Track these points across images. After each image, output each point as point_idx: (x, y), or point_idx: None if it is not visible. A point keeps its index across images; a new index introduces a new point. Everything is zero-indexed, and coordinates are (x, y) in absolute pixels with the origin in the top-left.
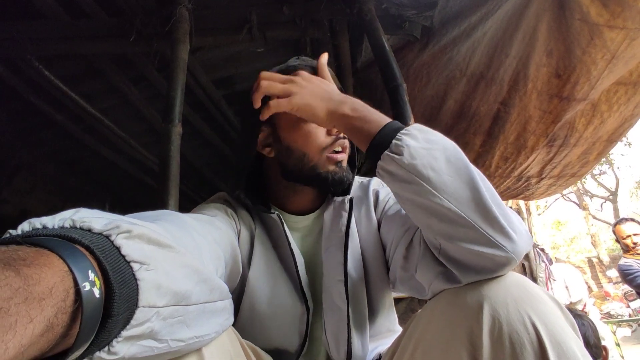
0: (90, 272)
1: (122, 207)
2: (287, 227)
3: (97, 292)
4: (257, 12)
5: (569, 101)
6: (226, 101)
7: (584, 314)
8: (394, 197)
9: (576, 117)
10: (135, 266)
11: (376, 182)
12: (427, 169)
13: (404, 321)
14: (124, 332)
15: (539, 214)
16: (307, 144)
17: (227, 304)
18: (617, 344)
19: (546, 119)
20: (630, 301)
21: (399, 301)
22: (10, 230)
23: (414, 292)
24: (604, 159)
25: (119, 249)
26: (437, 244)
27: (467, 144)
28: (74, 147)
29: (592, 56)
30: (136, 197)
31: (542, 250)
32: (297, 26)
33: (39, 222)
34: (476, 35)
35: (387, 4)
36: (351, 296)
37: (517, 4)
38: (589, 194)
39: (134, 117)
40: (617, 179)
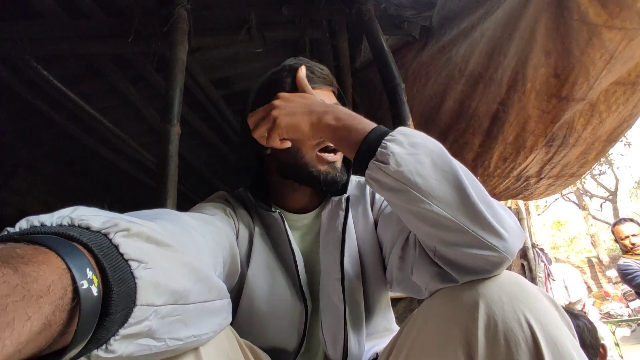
0: (88, 270)
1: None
2: (289, 224)
3: (95, 290)
4: (256, 13)
5: (567, 101)
6: (225, 101)
7: (582, 314)
8: None
9: (575, 117)
10: (133, 264)
11: None
12: (414, 175)
13: (402, 321)
14: (122, 331)
15: (539, 214)
16: (302, 140)
17: (226, 303)
18: (617, 344)
19: (545, 119)
20: (629, 301)
21: (397, 301)
22: (8, 228)
23: (411, 292)
24: (603, 159)
25: (117, 247)
26: (432, 247)
27: (465, 144)
28: (73, 147)
29: (590, 56)
30: (135, 197)
31: (542, 250)
32: (296, 26)
33: (37, 220)
34: (475, 35)
35: (385, 4)
36: (348, 295)
37: (515, 4)
38: (588, 194)
39: (132, 117)
40: (617, 179)
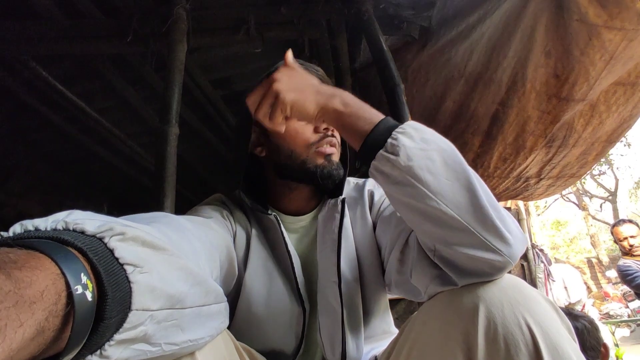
0: (82, 274)
1: (119, 208)
2: (284, 228)
3: (89, 295)
4: (255, 13)
5: (567, 102)
6: (224, 101)
7: (583, 315)
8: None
9: (575, 118)
10: (128, 269)
11: (371, 183)
12: (424, 172)
13: (402, 322)
14: (117, 336)
15: (539, 215)
16: (294, 141)
17: (223, 307)
18: (616, 345)
19: (545, 119)
20: (629, 301)
21: (397, 302)
22: (1, 232)
23: (410, 295)
24: (603, 160)
25: (112, 251)
26: (432, 247)
27: (465, 144)
28: (71, 147)
29: (590, 57)
30: (133, 198)
31: (542, 250)
32: (295, 27)
33: (31, 224)
34: (474, 35)
35: (385, 4)
36: (345, 298)
37: (515, 4)
38: (588, 194)
39: (131, 118)
40: (617, 180)
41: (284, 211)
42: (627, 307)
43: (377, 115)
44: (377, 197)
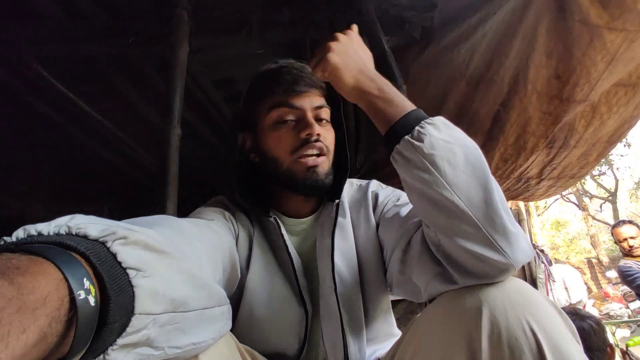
0: (85, 279)
1: (121, 209)
2: (286, 230)
3: (92, 300)
4: (257, 14)
5: (568, 102)
6: (226, 102)
7: (590, 315)
8: (392, 200)
9: (576, 119)
10: (131, 273)
11: (375, 185)
12: (444, 162)
13: (402, 323)
14: (120, 340)
15: (539, 215)
16: (277, 148)
17: (225, 309)
18: (617, 345)
19: (546, 120)
20: (629, 302)
21: (397, 303)
22: (5, 237)
23: (410, 295)
24: (603, 160)
25: (115, 255)
26: (437, 241)
27: None
28: (73, 148)
29: (591, 58)
30: (135, 199)
31: (542, 251)
32: (297, 27)
33: (34, 229)
34: (476, 36)
35: (386, 5)
36: (344, 302)
37: (516, 5)
38: (588, 194)
39: (133, 119)
40: (617, 180)
41: (286, 213)
42: (628, 307)
43: (410, 105)
44: (381, 198)
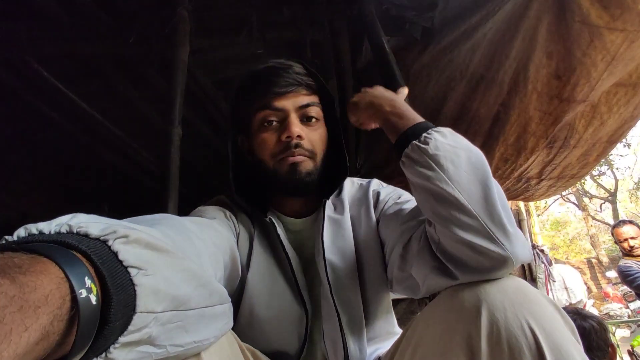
0: (86, 278)
1: (121, 209)
2: (286, 229)
3: (93, 299)
4: (257, 14)
5: (569, 102)
6: (226, 102)
7: (592, 315)
8: (393, 198)
9: (576, 119)
10: (132, 271)
11: (376, 183)
12: (447, 161)
13: (403, 323)
14: (122, 338)
15: (539, 215)
16: (262, 150)
17: (227, 308)
18: (617, 345)
19: (546, 120)
20: (629, 302)
21: (398, 302)
22: (6, 236)
23: (409, 291)
24: (603, 160)
25: (116, 254)
26: (437, 239)
27: None
28: (73, 148)
29: (592, 58)
30: (135, 199)
31: (542, 251)
32: (297, 27)
33: (35, 228)
34: (476, 36)
35: (387, 5)
36: (341, 302)
37: (517, 5)
38: (588, 194)
39: (133, 119)
40: (616, 180)
41: (285, 213)
42: (628, 307)
43: (420, 118)
44: (382, 196)
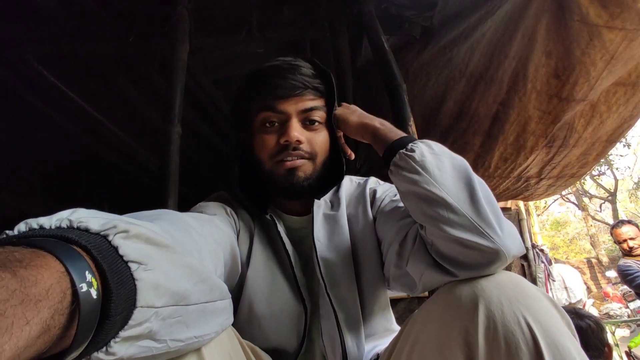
0: (87, 272)
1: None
2: (286, 227)
3: (94, 293)
4: (257, 13)
5: (568, 102)
6: (226, 102)
7: (589, 314)
8: (390, 196)
9: (575, 118)
10: (133, 266)
11: (373, 182)
12: (433, 166)
13: (402, 322)
14: (122, 333)
15: (538, 215)
16: (261, 150)
17: (227, 303)
18: (616, 345)
19: (545, 119)
20: (629, 302)
21: (397, 302)
22: (7, 231)
23: (406, 288)
24: (602, 160)
25: (116, 249)
26: (430, 241)
27: (466, 144)
28: (73, 147)
29: (591, 57)
30: (135, 198)
31: (542, 250)
32: (297, 27)
33: (35, 223)
34: (475, 35)
35: (386, 4)
36: (337, 299)
37: (516, 4)
38: (587, 194)
39: (133, 118)
40: (616, 180)
41: (286, 211)
42: (627, 307)
43: (405, 134)
44: (379, 194)
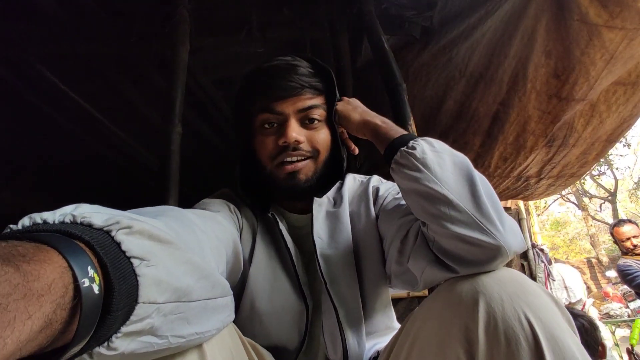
0: (89, 268)
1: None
2: (289, 224)
3: (96, 288)
4: (257, 13)
5: (567, 101)
6: (226, 101)
7: (583, 314)
8: (392, 193)
9: (575, 118)
10: (135, 262)
11: (375, 180)
12: (434, 164)
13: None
14: (124, 328)
15: (538, 215)
16: (261, 151)
17: (229, 300)
18: (616, 344)
19: (545, 119)
20: (629, 301)
21: (398, 301)
22: (11, 225)
23: (407, 285)
24: (602, 160)
25: (119, 244)
26: (432, 237)
27: (466, 144)
28: (74, 147)
29: (590, 56)
30: (136, 198)
31: (542, 250)
32: (297, 27)
33: (39, 217)
34: (475, 35)
35: (386, 4)
36: (338, 296)
37: (515, 4)
38: (587, 194)
39: (133, 118)
40: (616, 180)
41: (288, 209)
42: (627, 307)
43: (406, 132)
44: (381, 192)
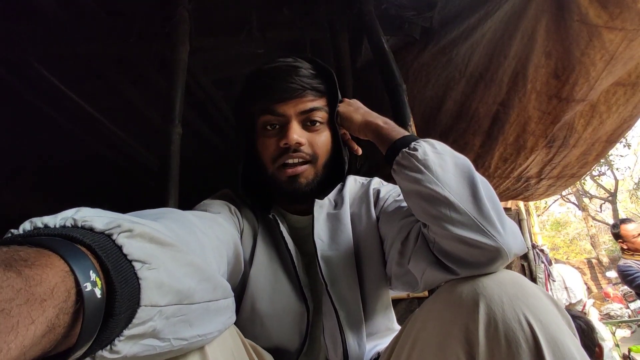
0: (91, 272)
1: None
2: (290, 226)
3: (98, 292)
4: (257, 13)
5: (568, 102)
6: (226, 102)
7: (580, 315)
8: (393, 196)
9: (575, 118)
10: (136, 265)
11: (376, 182)
12: (436, 165)
13: (402, 322)
14: (126, 331)
15: (539, 215)
16: (263, 153)
17: (230, 302)
18: (617, 345)
19: (545, 119)
20: (629, 302)
21: (398, 302)
22: (12, 229)
23: (408, 287)
24: (603, 160)
25: (120, 248)
26: (432, 238)
27: (466, 144)
28: (74, 147)
29: (590, 57)
30: (136, 198)
31: (542, 250)
32: (297, 27)
33: (40, 222)
34: (475, 36)
35: (386, 4)
36: (339, 298)
37: (515, 5)
38: (588, 195)
39: (133, 118)
40: (616, 180)
41: (289, 210)
42: (628, 307)
43: (408, 133)
44: (382, 194)
